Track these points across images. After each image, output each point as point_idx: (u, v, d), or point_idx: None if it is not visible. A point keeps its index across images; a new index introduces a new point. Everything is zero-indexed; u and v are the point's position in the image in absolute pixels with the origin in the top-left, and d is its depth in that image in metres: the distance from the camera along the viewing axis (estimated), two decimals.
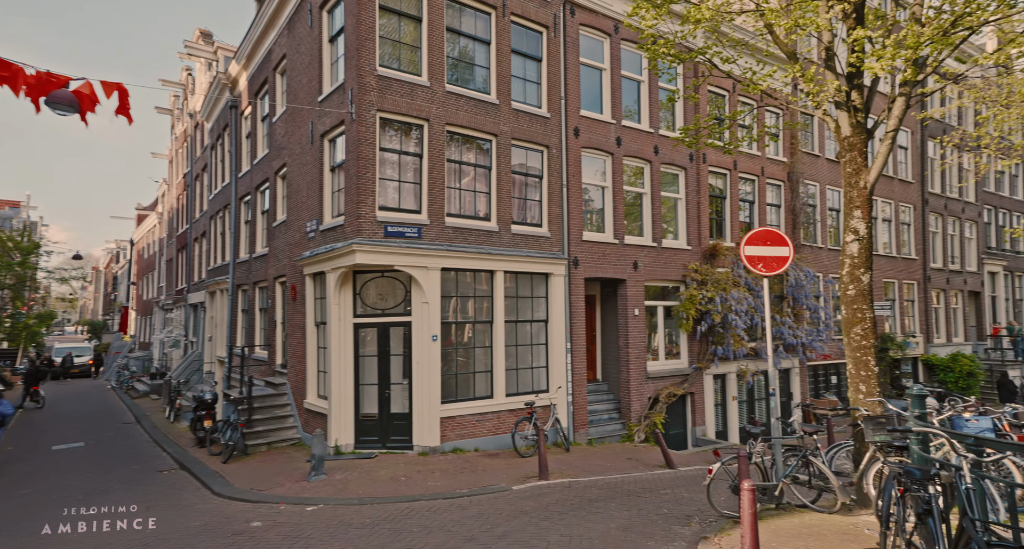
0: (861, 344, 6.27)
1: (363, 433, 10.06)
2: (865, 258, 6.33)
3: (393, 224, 9.89)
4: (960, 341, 24.18)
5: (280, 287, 13.36)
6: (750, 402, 15.52)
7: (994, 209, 26.91)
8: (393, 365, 10.27)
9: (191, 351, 21.56)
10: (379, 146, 9.87)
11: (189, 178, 24.15)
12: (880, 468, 5.66)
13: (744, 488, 3.93)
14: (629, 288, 13.22)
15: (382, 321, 10.27)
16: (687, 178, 14.65)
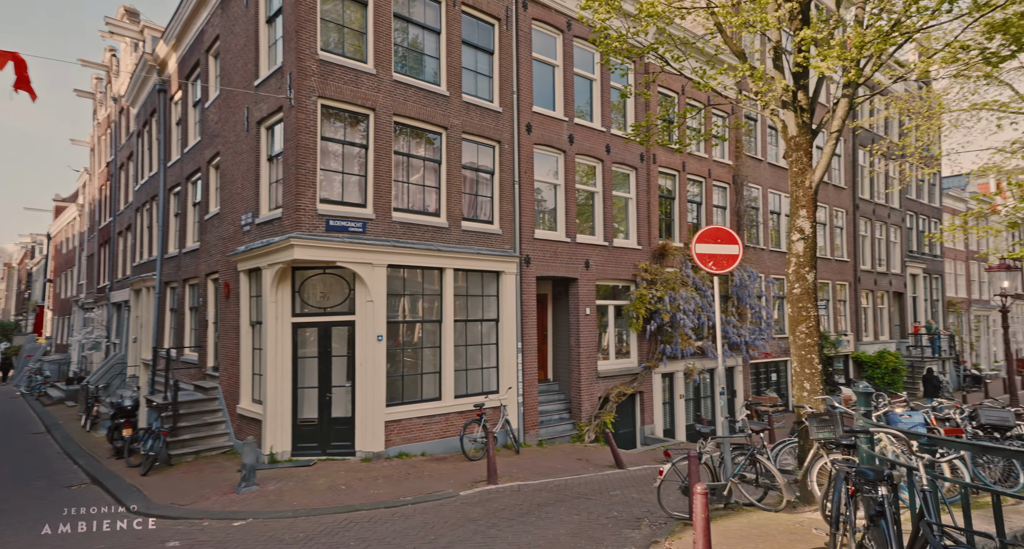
0: (806, 342, 6.34)
1: (301, 439, 9.46)
2: (810, 257, 6.41)
3: (336, 218, 9.35)
4: (886, 339, 25.70)
5: (212, 284, 12.47)
6: (696, 400, 15.82)
7: (915, 215, 28.81)
8: (335, 367, 9.72)
9: (113, 354, 19.94)
10: (320, 135, 9.31)
11: (113, 167, 22.37)
12: (824, 465, 5.72)
13: (696, 491, 3.79)
14: (581, 287, 13.15)
15: (323, 320, 9.70)
16: (638, 178, 14.75)
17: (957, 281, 33.57)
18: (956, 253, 33.51)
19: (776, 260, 19.12)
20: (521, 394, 11.77)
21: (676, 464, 5.68)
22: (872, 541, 3.01)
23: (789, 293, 6.51)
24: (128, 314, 18.30)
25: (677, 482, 5.83)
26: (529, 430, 11.83)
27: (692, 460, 5.46)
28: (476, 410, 10.53)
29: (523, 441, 11.64)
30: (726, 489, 5.78)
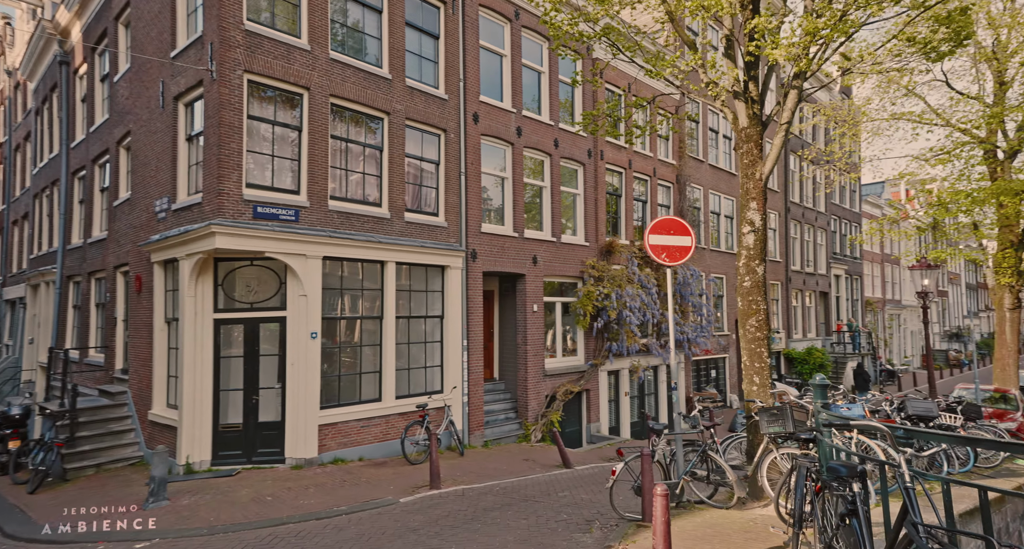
0: (756, 336, 6.28)
1: (223, 447, 8.59)
2: (760, 250, 6.35)
3: (265, 204, 8.55)
4: (813, 336, 27.10)
5: (122, 278, 11.22)
6: (641, 397, 15.91)
7: (839, 219, 30.63)
8: (263, 367, 8.90)
9: (5, 357, 17.78)
10: (247, 113, 8.48)
11: (7, 149, 19.99)
12: (774, 459, 5.64)
13: (657, 493, 3.51)
14: (528, 283, 12.85)
15: (251, 317, 8.86)
16: (586, 174, 14.64)
17: (874, 282, 36.02)
18: (873, 256, 35.96)
19: (716, 260, 19.64)
20: (466, 394, 11.32)
21: (629, 463, 5.43)
22: (842, 542, 2.82)
23: (739, 286, 6.44)
24: (23, 312, 16.34)
25: (630, 482, 5.59)
26: (474, 431, 11.40)
27: (645, 458, 5.23)
28: (419, 411, 9.98)
29: (468, 442, 11.19)
30: (678, 487, 5.60)
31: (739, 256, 6.46)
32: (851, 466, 2.94)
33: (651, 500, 5.08)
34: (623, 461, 5.42)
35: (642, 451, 5.28)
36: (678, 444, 5.76)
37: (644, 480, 5.13)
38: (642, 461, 5.25)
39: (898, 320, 39.09)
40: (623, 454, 5.47)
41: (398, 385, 10.31)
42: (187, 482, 7.90)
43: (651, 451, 5.35)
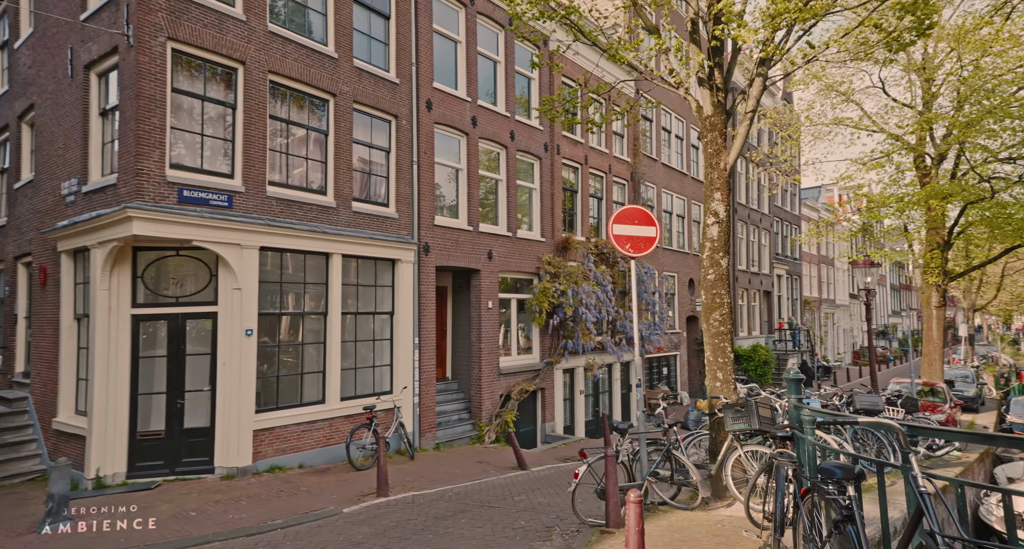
0: (719, 330, 6.10)
1: (141, 457, 7.68)
2: (725, 241, 6.19)
3: (192, 187, 7.72)
4: (757, 334, 28.01)
5: (24, 270, 9.97)
6: (595, 395, 15.78)
7: (781, 221, 31.86)
8: (191, 368, 8.05)
9: None
10: (172, 86, 7.62)
11: None
12: (738, 457, 5.46)
13: (631, 500, 3.16)
14: (483, 279, 12.41)
15: (176, 312, 7.99)
16: (542, 169, 14.35)
17: (811, 282, 37.76)
18: (811, 257, 37.70)
19: (669, 258, 19.85)
20: (417, 394, 10.75)
21: (592, 465, 5.10)
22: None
23: (703, 279, 6.24)
24: None
25: (592, 485, 5.25)
26: (425, 433, 10.85)
27: (609, 460, 4.91)
28: (366, 413, 9.35)
29: (419, 445, 10.63)
30: (643, 489, 5.31)
31: (703, 248, 6.27)
32: (847, 468, 2.68)
33: (615, 504, 4.77)
34: (586, 463, 5.08)
35: (606, 452, 4.95)
36: (642, 444, 5.49)
37: (608, 483, 4.80)
38: (606, 463, 4.92)
39: (832, 318, 41.16)
40: (586, 456, 5.13)
41: (344, 386, 9.64)
42: (96, 498, 6.98)
43: (615, 452, 5.03)
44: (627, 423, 5.54)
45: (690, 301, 21.23)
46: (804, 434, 3.17)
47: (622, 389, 16.74)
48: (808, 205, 37.92)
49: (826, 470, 2.72)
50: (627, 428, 5.44)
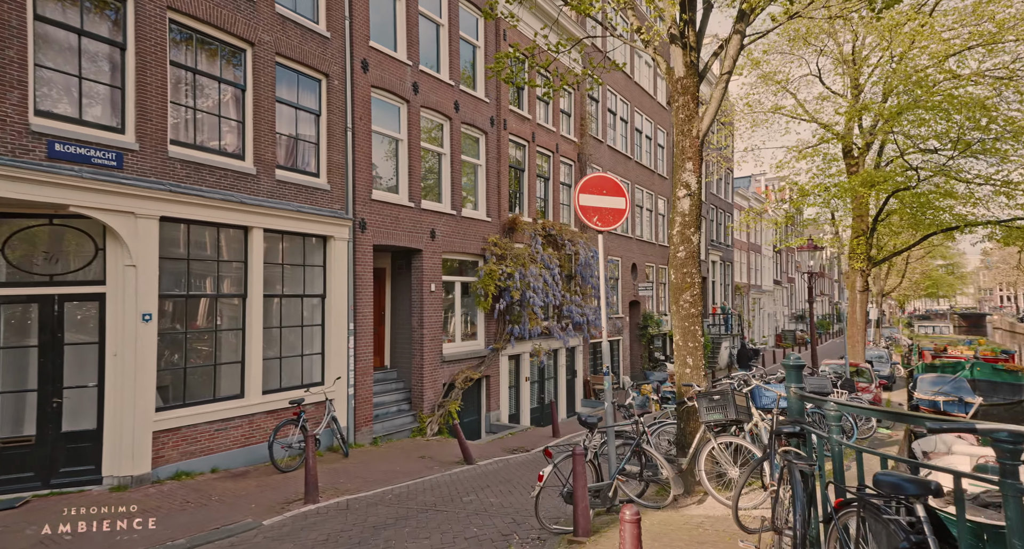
0: (690, 312, 5.63)
1: (3, 469, 6.32)
2: (696, 216, 5.70)
3: (68, 141, 6.33)
4: None
5: None
6: (541, 382, 15.34)
7: (716, 208, 32.78)
8: (72, 360, 6.71)
9: None
10: (34, 13, 6.16)
11: None
12: (711, 450, 5.03)
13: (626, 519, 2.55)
14: (425, 260, 11.51)
15: (50, 293, 6.60)
16: (488, 144, 13.53)
17: (742, 268, 39.36)
18: (741, 244, 39.25)
19: (613, 242, 19.66)
20: (352, 385, 9.78)
21: (558, 465, 4.48)
22: None
23: (673, 257, 5.75)
24: None
25: (557, 487, 4.64)
26: (361, 427, 9.91)
27: (578, 459, 4.30)
28: (293, 407, 8.31)
29: (354, 441, 9.69)
30: (611, 489, 4.76)
31: (672, 224, 5.76)
32: (921, 483, 2.15)
33: (585, 509, 4.18)
34: (551, 463, 4.45)
35: (574, 450, 4.34)
36: (611, 438, 4.93)
37: (577, 485, 4.20)
38: (574, 462, 4.32)
39: (759, 303, 43.26)
40: (551, 455, 4.50)
41: (267, 378, 8.52)
42: None
43: (583, 449, 4.43)
44: (595, 416, 4.96)
45: (632, 286, 21.24)
46: (829, 432, 2.67)
47: (567, 375, 16.41)
48: (740, 194, 39.37)
49: (892, 484, 2.17)
50: (597, 422, 4.86)
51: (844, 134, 16.95)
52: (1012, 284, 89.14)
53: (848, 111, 16.12)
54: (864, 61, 16.48)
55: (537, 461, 8.99)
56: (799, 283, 58.26)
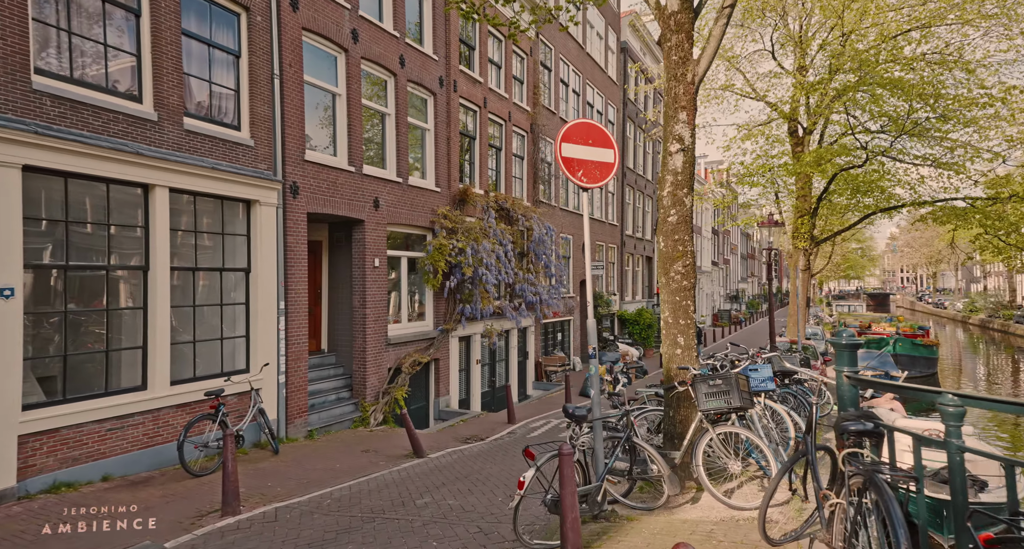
0: (682, 285, 4.92)
1: None
2: (690, 175, 4.97)
3: None
4: (640, 299, 28.83)
5: None
6: (492, 365, 14.56)
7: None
8: None
9: None
10: None
11: None
12: (711, 441, 4.38)
13: None
14: (368, 232, 10.32)
15: None
16: (436, 106, 12.34)
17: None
18: None
19: (565, 219, 19.02)
20: (284, 372, 8.56)
21: (541, 467, 3.66)
22: None
23: (662, 222, 5.01)
24: None
25: (538, 494, 3.83)
26: (295, 419, 8.75)
27: (566, 461, 3.50)
28: (211, 400, 7.05)
29: (286, 435, 8.53)
30: (600, 492, 4.01)
31: (662, 183, 5.01)
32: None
33: (575, 521, 3.40)
34: (534, 466, 3.63)
35: (560, 449, 3.53)
36: (598, 433, 4.17)
37: (565, 492, 3.41)
38: (560, 464, 3.51)
39: (699, 284, 44.47)
40: (533, 457, 3.67)
41: (177, 366, 7.19)
42: None
43: (571, 447, 3.63)
44: (585, 408, 4.17)
45: (583, 265, 20.78)
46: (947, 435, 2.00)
47: (519, 357, 15.72)
48: None
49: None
50: (586, 414, 4.06)
51: (790, 114, 16.98)
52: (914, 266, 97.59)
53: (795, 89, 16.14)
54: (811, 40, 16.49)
55: (494, 452, 8.22)
56: (734, 264, 60.64)
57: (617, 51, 25.10)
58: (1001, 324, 42.09)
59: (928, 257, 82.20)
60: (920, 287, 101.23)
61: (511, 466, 7.09)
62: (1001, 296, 49.93)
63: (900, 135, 14.43)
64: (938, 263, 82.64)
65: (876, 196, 16.38)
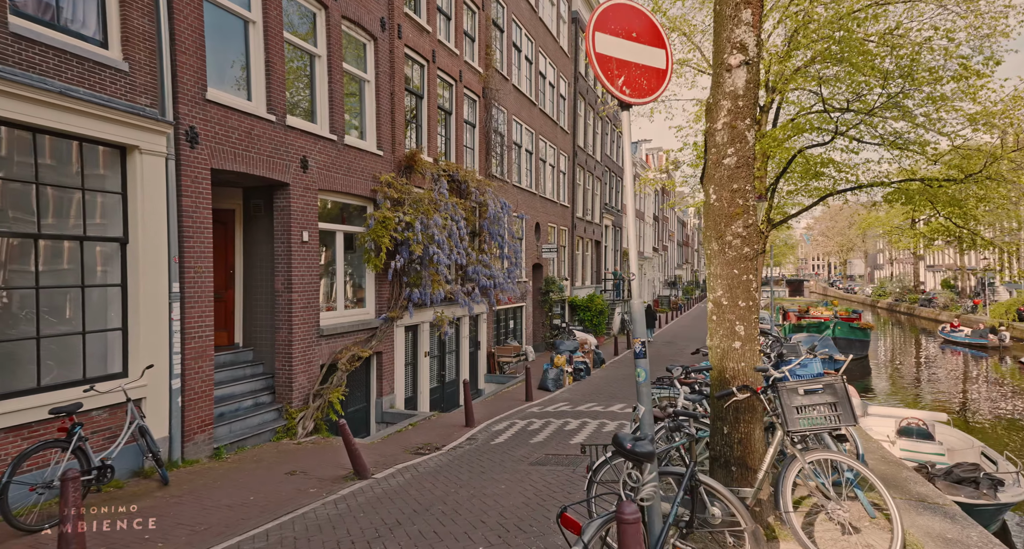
0: (742, 252, 3.55)
1: None
2: (753, 99, 3.59)
3: None
4: (588, 284, 27.96)
5: None
6: (442, 357, 12.92)
7: (609, 171, 32.19)
8: None
9: None
10: None
11: None
12: (802, 471, 3.06)
13: None
14: (295, 199, 8.35)
15: None
16: (378, 53, 10.41)
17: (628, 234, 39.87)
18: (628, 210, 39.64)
19: (519, 197, 17.55)
20: (180, 375, 6.55)
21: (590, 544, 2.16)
22: None
23: (714, 166, 3.61)
24: None
25: None
26: (195, 435, 6.76)
27: (631, 531, 2.02)
28: (60, 419, 5.02)
29: (182, 457, 6.55)
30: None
31: (714, 112, 3.60)
32: None
33: None
34: (580, 543, 2.14)
35: (621, 511, 2.05)
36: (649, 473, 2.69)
37: None
38: (622, 537, 2.03)
39: (642, 270, 44.59)
40: (579, 529, 2.17)
41: (5, 374, 5.08)
42: None
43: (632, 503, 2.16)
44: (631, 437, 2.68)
45: (536, 247, 19.44)
46: None
47: (470, 347, 14.17)
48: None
49: None
50: (651, 452, 2.56)
51: None
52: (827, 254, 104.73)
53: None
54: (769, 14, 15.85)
55: (456, 467, 6.67)
56: (671, 251, 61.82)
57: (568, 21, 23.71)
58: (907, 307, 45.27)
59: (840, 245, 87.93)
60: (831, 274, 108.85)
61: (483, 488, 5.59)
62: (907, 282, 53.74)
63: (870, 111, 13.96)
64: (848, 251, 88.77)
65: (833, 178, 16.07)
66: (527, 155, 18.80)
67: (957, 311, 37.49)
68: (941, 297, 42.28)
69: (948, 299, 41.06)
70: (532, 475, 6.08)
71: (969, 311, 37.31)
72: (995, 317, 32.68)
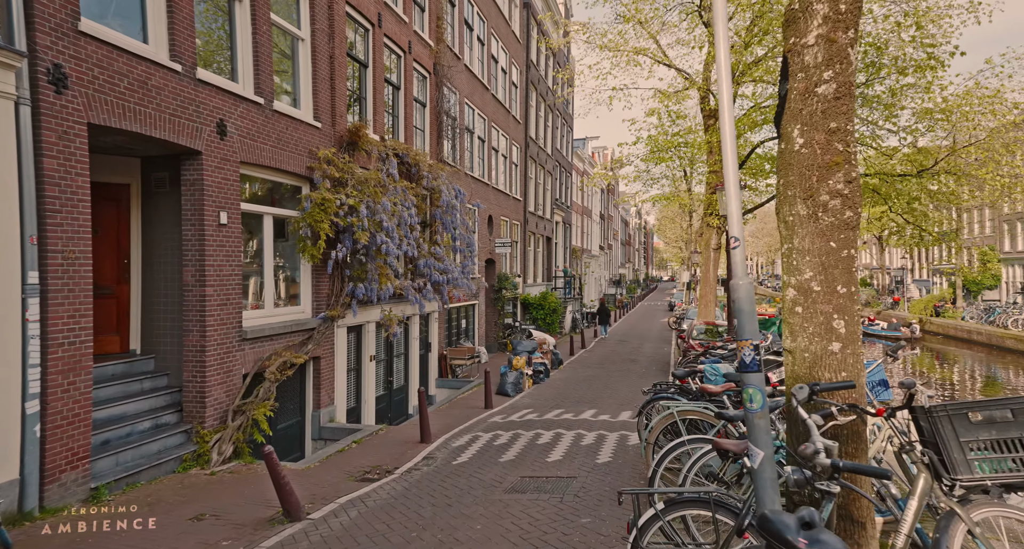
0: (842, 218, 2.55)
1: None
2: (858, 3, 2.58)
3: None
4: (540, 282, 27.07)
5: None
6: (389, 361, 11.49)
7: (559, 166, 31.50)
8: None
9: None
10: None
11: None
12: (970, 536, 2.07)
13: None
14: (209, 172, 6.75)
15: None
16: (315, 7, 8.89)
17: (577, 231, 39.45)
18: (577, 207, 39.22)
19: (473, 186, 16.32)
20: (39, 394, 4.88)
21: None
22: None
23: (804, 96, 2.58)
24: None
25: None
26: (59, 474, 5.10)
27: None
28: None
29: (41, 505, 4.88)
30: None
31: (802, 19, 2.57)
32: None
33: None
34: None
35: None
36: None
37: None
38: None
39: (589, 267, 44.38)
40: None
41: None
42: None
43: None
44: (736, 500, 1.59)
45: (489, 242, 18.28)
46: None
47: (420, 349, 12.80)
48: (577, 155, 39.08)
49: None
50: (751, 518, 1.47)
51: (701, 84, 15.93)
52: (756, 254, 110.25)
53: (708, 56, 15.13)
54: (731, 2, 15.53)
55: (415, 499, 5.40)
56: (616, 250, 62.37)
57: (520, 5, 22.68)
58: None
59: (768, 246, 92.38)
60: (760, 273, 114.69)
61: (454, 532, 4.39)
62: None
63: None
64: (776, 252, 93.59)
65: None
66: (480, 143, 17.60)
67: (878, 307, 39.71)
68: (863, 294, 44.83)
69: (869, 296, 43.47)
70: (512, 508, 4.92)
71: (889, 308, 39.62)
72: (915, 313, 34.76)
